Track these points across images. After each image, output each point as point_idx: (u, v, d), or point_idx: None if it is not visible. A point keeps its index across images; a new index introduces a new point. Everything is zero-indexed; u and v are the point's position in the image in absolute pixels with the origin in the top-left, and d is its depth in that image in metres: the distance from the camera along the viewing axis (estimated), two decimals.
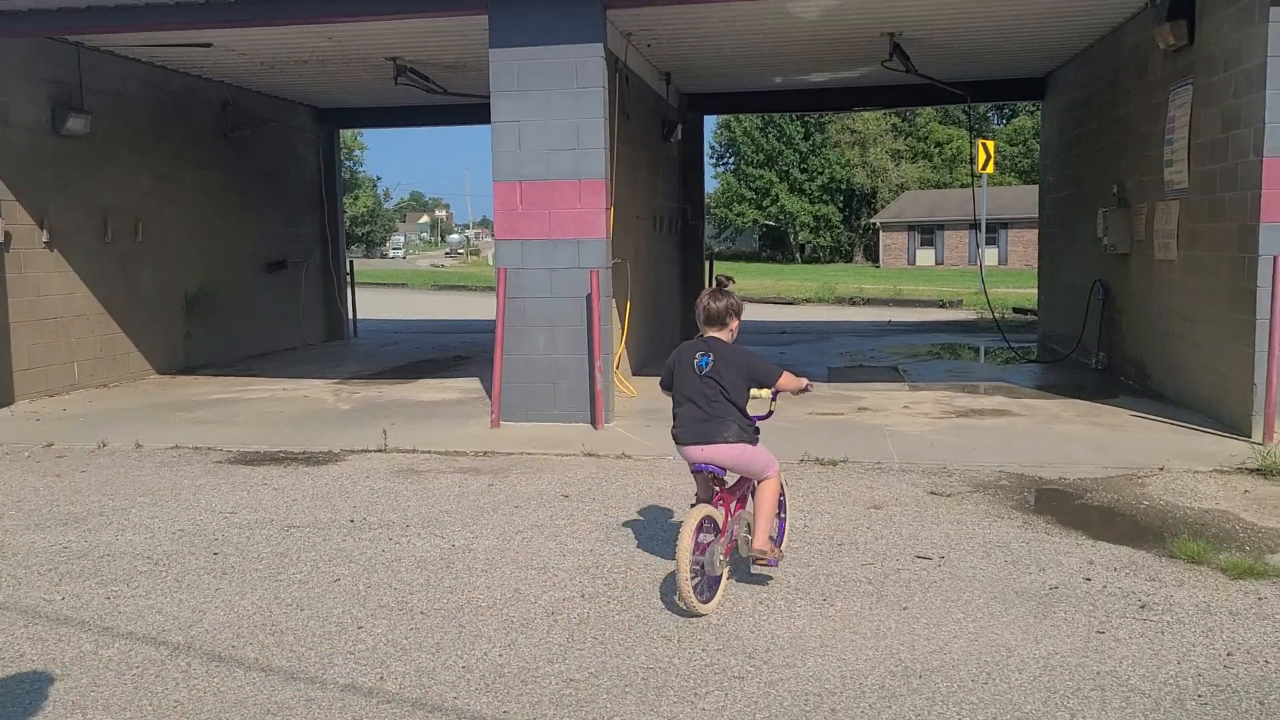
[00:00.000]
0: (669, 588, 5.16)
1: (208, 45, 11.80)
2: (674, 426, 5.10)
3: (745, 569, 5.26)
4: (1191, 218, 9.54)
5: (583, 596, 5.10)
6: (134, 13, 9.66)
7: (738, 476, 5.19)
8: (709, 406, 4.96)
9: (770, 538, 5.02)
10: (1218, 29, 8.92)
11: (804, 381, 5.20)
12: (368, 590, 5.20)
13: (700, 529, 4.77)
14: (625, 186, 11.70)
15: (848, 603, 5.00)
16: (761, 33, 11.61)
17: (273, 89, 15.34)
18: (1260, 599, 5.00)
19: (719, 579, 4.91)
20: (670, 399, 5.15)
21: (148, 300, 12.94)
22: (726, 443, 4.95)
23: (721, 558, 4.90)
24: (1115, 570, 5.43)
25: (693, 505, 5.00)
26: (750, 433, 5.03)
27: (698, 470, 5.04)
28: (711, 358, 4.98)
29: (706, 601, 4.80)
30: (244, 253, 15.18)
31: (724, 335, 5.08)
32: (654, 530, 6.19)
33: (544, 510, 6.66)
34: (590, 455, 8.23)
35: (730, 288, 5.15)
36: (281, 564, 5.61)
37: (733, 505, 5.14)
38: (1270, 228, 8.14)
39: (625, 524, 6.33)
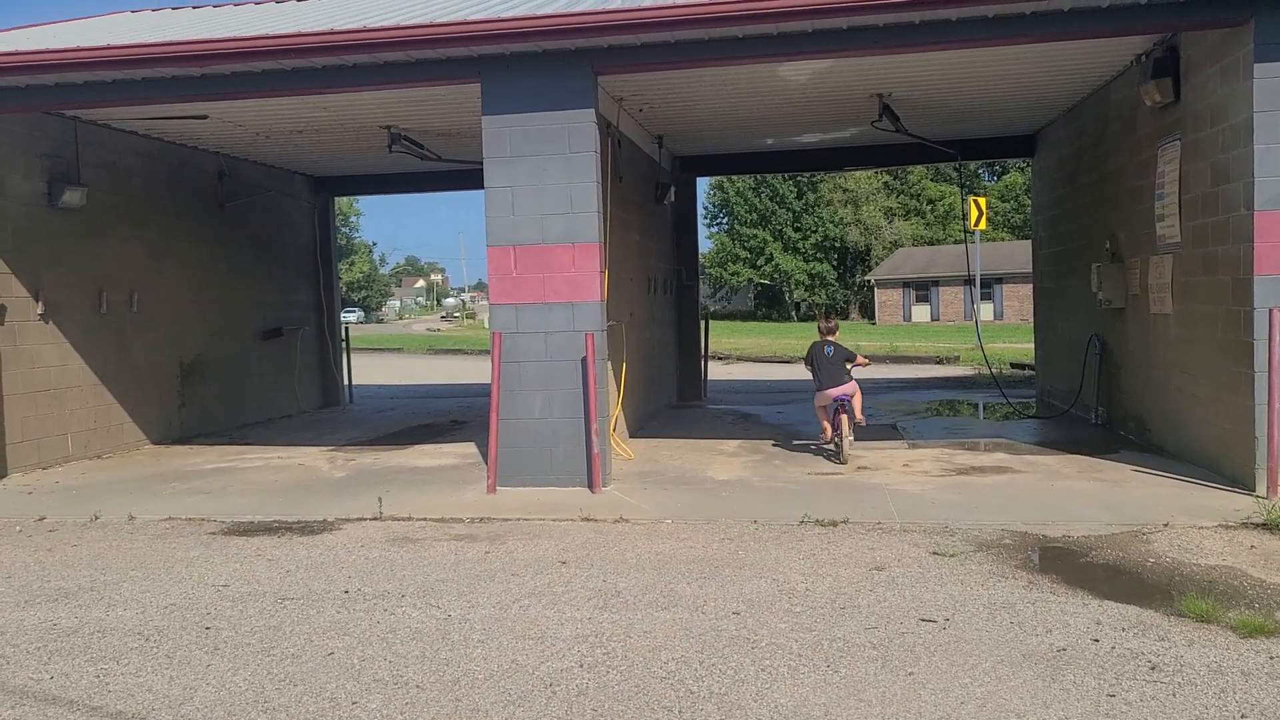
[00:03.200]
0: (669, 655, 5.08)
1: (204, 117, 11.92)
2: (817, 381, 10.75)
3: None
4: (1185, 271, 9.57)
5: (581, 666, 4.99)
6: (131, 86, 9.75)
7: (847, 399, 10.51)
8: (834, 368, 10.62)
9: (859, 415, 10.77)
10: (1203, 85, 9.02)
11: (866, 361, 11.35)
12: (362, 664, 5.09)
13: (837, 424, 10.47)
14: (619, 249, 11.74)
15: (852, 668, 4.90)
16: (752, 96, 11.74)
17: (268, 159, 15.48)
18: (1272, 658, 4.90)
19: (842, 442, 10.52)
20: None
21: (142, 370, 12.91)
22: (845, 384, 10.56)
23: (848, 433, 10.48)
24: (1123, 630, 5.33)
25: (830, 419, 10.66)
26: (851, 377, 10.68)
27: (836, 400, 10.52)
28: (833, 349, 10.72)
29: (848, 453, 10.44)
30: (239, 321, 15.19)
31: (834, 338, 10.81)
32: (653, 596, 6.09)
33: (541, 577, 6.56)
34: (588, 520, 8.14)
35: (834, 319, 11.30)
36: (275, 638, 5.50)
37: (844, 414, 10.48)
38: (1264, 280, 8.15)
39: (623, 590, 6.23)
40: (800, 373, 17.37)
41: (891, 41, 8.79)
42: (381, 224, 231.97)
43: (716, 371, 22.23)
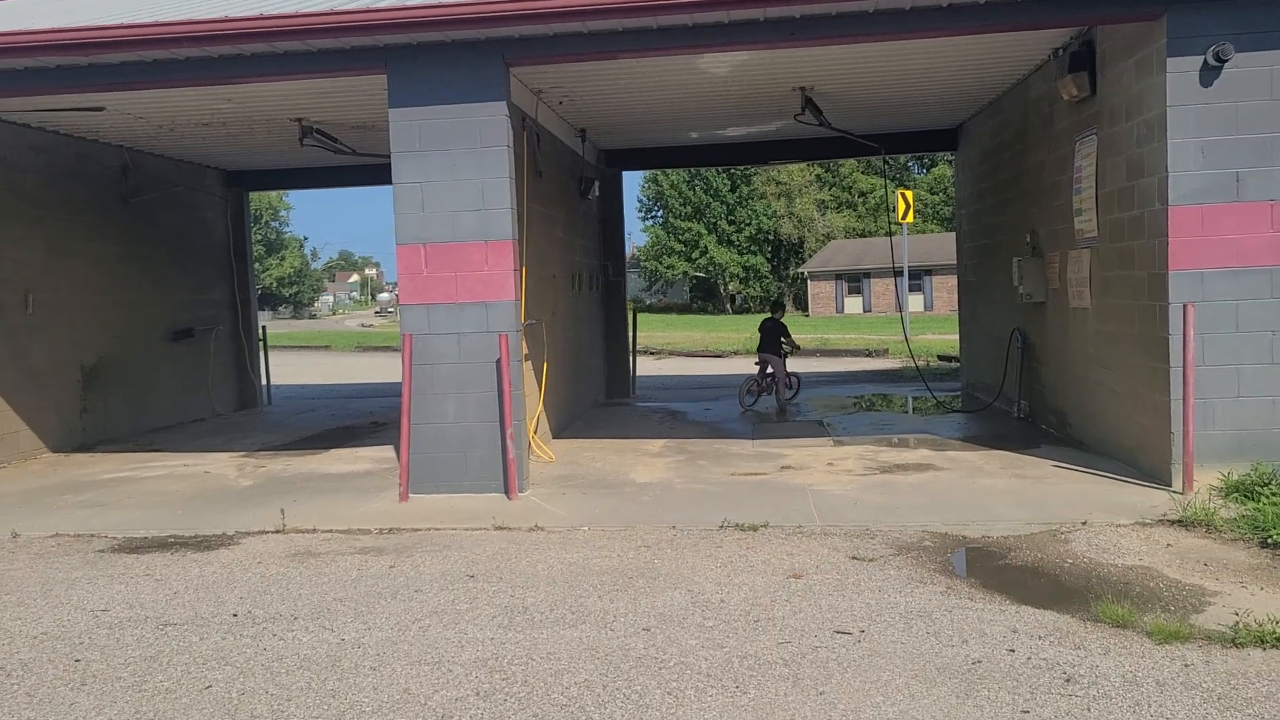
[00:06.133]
0: (571, 679, 4.83)
1: (100, 109, 11.36)
2: (759, 348, 15.19)
3: None
4: (1103, 266, 9.54)
5: (477, 695, 4.72)
6: (12, 77, 9.22)
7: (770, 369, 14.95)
8: (769, 345, 14.90)
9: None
10: (1118, 80, 8.98)
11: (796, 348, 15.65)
12: (241, 698, 4.76)
13: (758, 383, 14.94)
14: (540, 245, 11.44)
15: (762, 689, 4.69)
16: (673, 89, 11.51)
17: (176, 152, 14.88)
18: (1186, 665, 4.80)
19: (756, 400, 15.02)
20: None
21: (39, 375, 12.28)
22: (774, 354, 14.89)
23: (764, 394, 15.03)
24: (1039, 639, 5.20)
25: (752, 377, 15.01)
26: (781, 354, 14.94)
27: (761, 363, 15.02)
28: (771, 325, 14.99)
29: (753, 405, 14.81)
30: (147, 322, 14.58)
31: (780, 316, 15.24)
32: (561, 612, 5.83)
33: (446, 594, 6.26)
34: (501, 529, 7.86)
35: (780, 309, 15.80)
36: (149, 670, 5.13)
37: (767, 380, 14.94)
38: (1179, 275, 8.13)
39: (531, 606, 5.96)
40: (732, 366, 17.48)
41: (809, 34, 8.61)
42: (313, 218, 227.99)
43: (647, 367, 22.03)
